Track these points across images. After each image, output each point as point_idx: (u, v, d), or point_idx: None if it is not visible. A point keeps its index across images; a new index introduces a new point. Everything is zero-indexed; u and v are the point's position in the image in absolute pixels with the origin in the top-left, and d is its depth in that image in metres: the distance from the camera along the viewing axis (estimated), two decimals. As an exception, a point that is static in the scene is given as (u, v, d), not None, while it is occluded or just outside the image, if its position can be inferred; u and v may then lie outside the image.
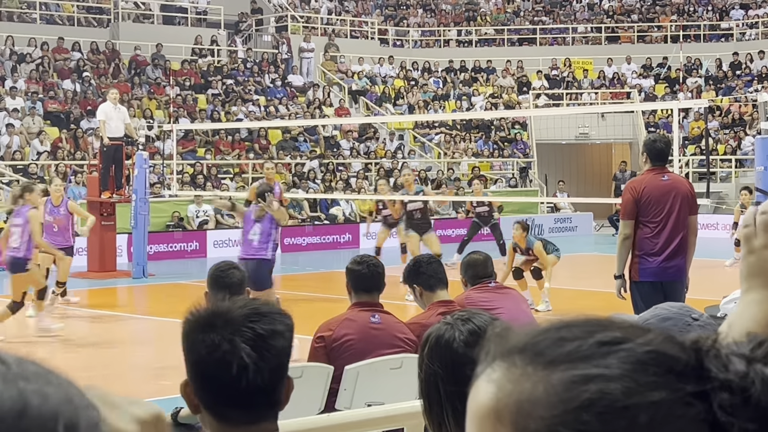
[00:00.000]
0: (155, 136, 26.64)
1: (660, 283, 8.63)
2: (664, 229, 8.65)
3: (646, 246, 8.64)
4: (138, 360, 12.38)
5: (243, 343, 2.36)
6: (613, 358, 0.90)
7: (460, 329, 2.57)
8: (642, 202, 8.66)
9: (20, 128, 26.31)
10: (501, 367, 0.94)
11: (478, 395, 0.95)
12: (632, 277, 8.75)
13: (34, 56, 29.61)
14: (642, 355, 0.91)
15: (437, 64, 36.90)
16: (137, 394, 8.64)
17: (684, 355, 0.93)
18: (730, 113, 33.23)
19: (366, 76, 35.57)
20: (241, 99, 31.03)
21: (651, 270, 8.64)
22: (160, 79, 30.89)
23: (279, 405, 2.47)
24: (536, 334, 0.95)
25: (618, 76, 35.88)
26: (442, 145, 33.02)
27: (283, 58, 34.71)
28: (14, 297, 12.64)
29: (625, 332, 0.93)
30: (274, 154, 29.53)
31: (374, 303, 5.90)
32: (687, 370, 0.92)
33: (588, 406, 0.88)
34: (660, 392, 0.89)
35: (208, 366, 2.39)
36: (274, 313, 2.46)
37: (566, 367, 0.90)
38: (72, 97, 28.53)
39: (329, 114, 31.86)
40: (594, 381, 0.89)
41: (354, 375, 5.51)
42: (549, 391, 0.90)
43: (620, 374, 0.89)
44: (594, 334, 0.93)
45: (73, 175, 25.26)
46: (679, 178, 9.31)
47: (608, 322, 0.95)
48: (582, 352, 0.91)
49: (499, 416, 0.92)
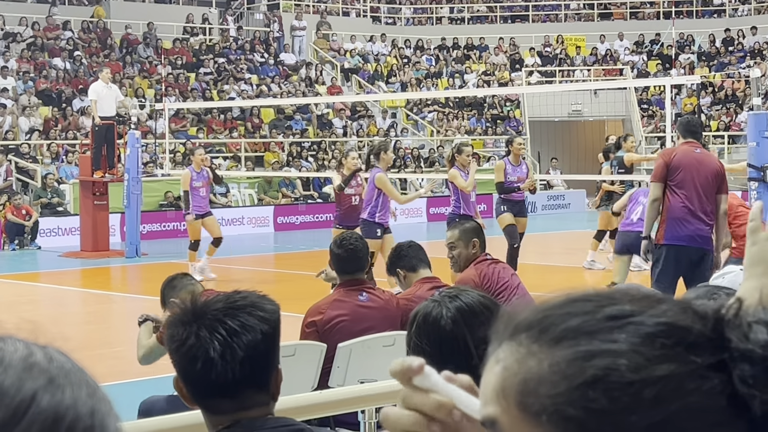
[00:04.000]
0: (147, 115, 26.63)
1: (685, 248, 8.80)
2: (691, 197, 8.87)
3: (675, 211, 8.84)
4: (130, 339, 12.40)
5: (211, 339, 2.40)
6: (620, 333, 0.89)
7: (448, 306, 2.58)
8: (672, 166, 8.89)
9: (12, 108, 26.26)
10: (508, 346, 0.93)
11: (486, 376, 0.94)
12: (658, 239, 8.95)
13: (25, 35, 29.54)
14: (651, 327, 0.89)
15: (429, 41, 36.85)
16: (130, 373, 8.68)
17: (698, 326, 0.90)
18: (722, 89, 33.25)
19: (358, 54, 35.52)
20: (233, 77, 30.98)
21: (680, 235, 8.82)
22: (151, 57, 30.84)
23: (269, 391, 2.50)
24: (543, 310, 0.93)
25: (610, 52, 35.87)
26: (435, 123, 33.03)
27: (275, 37, 34.64)
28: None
29: (636, 305, 0.92)
30: (267, 133, 29.54)
31: (359, 281, 5.93)
32: (701, 341, 0.89)
33: (593, 382, 0.87)
34: (669, 365, 0.87)
35: (180, 360, 2.45)
36: (249, 306, 2.48)
37: (571, 343, 0.89)
38: (63, 77, 28.48)
39: (321, 92, 31.85)
40: (599, 356, 0.88)
41: (347, 353, 5.54)
42: (553, 368, 0.89)
43: (627, 349, 0.88)
44: (602, 309, 0.91)
45: (65, 155, 25.24)
46: (713, 156, 9.67)
47: (619, 295, 0.93)
48: (588, 327, 0.90)
49: (506, 395, 0.91)
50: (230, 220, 24.69)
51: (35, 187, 23.51)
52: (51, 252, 20.63)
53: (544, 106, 32.78)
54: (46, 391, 0.82)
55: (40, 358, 0.85)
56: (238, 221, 24.82)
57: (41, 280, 17.55)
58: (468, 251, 6.81)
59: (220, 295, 2.54)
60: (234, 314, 2.45)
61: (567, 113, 33.89)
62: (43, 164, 24.58)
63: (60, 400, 0.82)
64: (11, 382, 0.82)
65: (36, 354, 0.85)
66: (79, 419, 0.82)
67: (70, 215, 22.47)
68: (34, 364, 0.84)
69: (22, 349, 0.85)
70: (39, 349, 0.86)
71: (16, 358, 0.84)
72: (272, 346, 2.50)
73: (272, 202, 26.10)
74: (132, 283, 17.97)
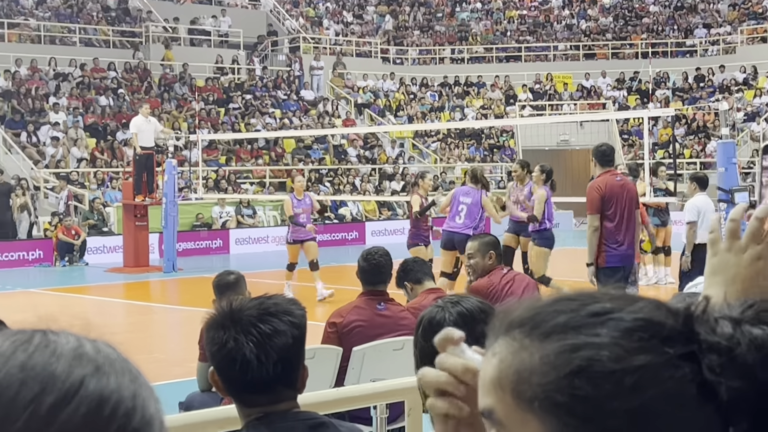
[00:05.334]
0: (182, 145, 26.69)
1: (621, 268, 8.84)
2: (623, 221, 8.90)
3: (611, 236, 8.86)
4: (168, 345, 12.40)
5: (247, 342, 2.41)
6: (602, 328, 0.89)
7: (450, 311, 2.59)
8: (606, 198, 8.93)
9: (63, 140, 26.35)
10: (503, 341, 0.93)
11: (485, 367, 0.94)
12: (599, 264, 8.90)
13: (75, 75, 29.65)
14: (630, 323, 0.89)
15: (433, 79, 36.87)
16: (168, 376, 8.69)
17: (671, 321, 0.91)
18: (695, 121, 33.20)
19: (370, 91, 35.55)
20: (258, 112, 31.03)
21: (617, 256, 8.85)
22: (186, 94, 30.92)
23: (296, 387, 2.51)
24: (534, 308, 0.93)
25: (594, 88, 35.85)
26: (439, 151, 33.01)
27: (296, 75, 34.71)
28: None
29: (616, 303, 0.92)
30: (289, 161, 29.56)
31: (380, 292, 5.90)
32: (674, 334, 0.90)
33: (578, 372, 0.87)
34: (645, 356, 0.87)
35: (219, 360, 2.45)
36: (281, 312, 2.49)
37: (559, 337, 0.89)
38: (108, 112, 28.56)
39: (337, 125, 31.87)
40: (584, 349, 0.88)
41: (361, 355, 5.52)
42: (544, 360, 0.89)
43: (608, 342, 0.88)
44: (586, 306, 0.91)
45: (110, 181, 25.29)
46: (627, 179, 9.64)
47: (601, 295, 0.93)
48: (574, 322, 0.90)
49: (502, 385, 0.91)
50: (256, 239, 24.70)
51: (83, 209, 23.56)
52: (97, 267, 20.63)
53: (535, 137, 32.75)
54: (93, 377, 0.83)
55: (89, 349, 0.86)
56: (264, 240, 24.80)
57: (88, 293, 17.54)
58: (485, 262, 6.81)
59: (254, 300, 2.53)
60: (267, 320, 2.45)
61: (556, 143, 33.84)
62: (90, 189, 24.64)
63: (105, 384, 0.83)
64: (63, 369, 0.83)
65: (85, 346, 0.86)
66: (122, 402, 0.83)
67: (114, 235, 22.48)
68: (83, 353, 0.85)
69: (73, 342, 0.86)
70: (88, 342, 0.87)
71: (67, 349, 0.85)
72: (301, 347, 2.52)
73: (294, 222, 26.06)
74: (169, 295, 17.95)
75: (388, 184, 29.40)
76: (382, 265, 5.92)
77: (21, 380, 0.82)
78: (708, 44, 37.17)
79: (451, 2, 41.82)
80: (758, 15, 37.24)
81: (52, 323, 0.90)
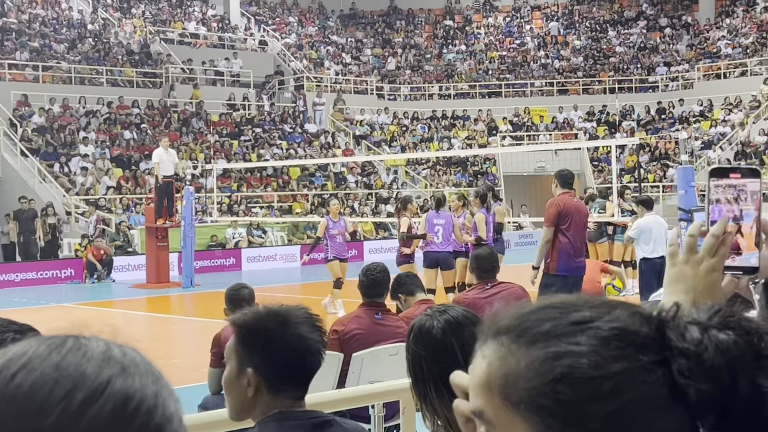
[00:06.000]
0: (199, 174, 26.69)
1: (570, 276, 8.94)
2: (575, 237, 9.00)
3: (565, 248, 8.94)
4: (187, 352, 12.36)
5: (311, 336, 2.42)
6: (582, 336, 0.87)
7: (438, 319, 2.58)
8: (562, 214, 9.04)
9: (92, 170, 26.35)
10: (491, 346, 0.91)
11: (475, 369, 0.93)
12: (550, 270, 9.03)
13: (102, 112, 29.67)
14: (607, 332, 0.88)
15: (423, 113, 36.94)
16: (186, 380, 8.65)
17: (645, 329, 0.89)
18: (657, 149, 33.27)
19: (367, 124, 35.61)
20: (267, 143, 31.05)
21: (567, 266, 8.93)
22: (202, 128, 30.95)
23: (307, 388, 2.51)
24: (520, 315, 0.92)
25: (567, 121, 35.92)
26: (429, 177, 33.04)
27: (300, 111, 34.76)
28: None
29: (595, 311, 0.90)
30: (294, 187, 29.56)
31: (379, 304, 5.89)
32: (647, 341, 0.88)
33: (560, 379, 0.86)
34: (622, 363, 0.86)
35: (293, 353, 2.39)
36: (313, 317, 2.50)
37: (543, 345, 0.88)
38: (132, 144, 28.57)
39: (338, 154, 31.90)
40: (565, 357, 0.87)
41: (360, 361, 5.51)
42: (529, 366, 0.88)
43: (587, 350, 0.87)
44: (568, 315, 0.90)
45: (134, 206, 25.28)
46: (580, 201, 9.79)
47: (582, 303, 0.92)
48: (556, 331, 0.88)
49: (491, 388, 0.90)
50: (266, 257, 24.66)
51: (110, 232, 23.55)
52: (123, 284, 20.59)
53: (515, 163, 32.80)
54: (119, 377, 0.83)
55: (116, 353, 0.86)
56: (272, 258, 24.77)
57: (115, 307, 17.50)
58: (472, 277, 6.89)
59: (288, 308, 2.50)
60: (312, 320, 2.47)
61: (533, 169, 33.88)
62: (116, 214, 24.62)
63: (130, 384, 0.83)
64: (92, 370, 0.83)
65: (113, 349, 0.86)
66: (145, 400, 0.83)
67: (138, 254, 22.45)
68: (111, 356, 0.85)
69: (102, 345, 0.87)
70: (116, 347, 0.87)
71: (97, 352, 0.85)
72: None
73: (299, 242, 26.07)
74: (187, 308, 17.91)
75: (384, 206, 29.41)
76: (379, 280, 5.92)
77: (55, 379, 0.82)
78: (668, 80, 37.30)
79: (438, 44, 41.96)
80: (713, 54, 37.40)
81: (84, 329, 0.90)
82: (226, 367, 2.44)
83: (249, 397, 2.39)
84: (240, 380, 2.40)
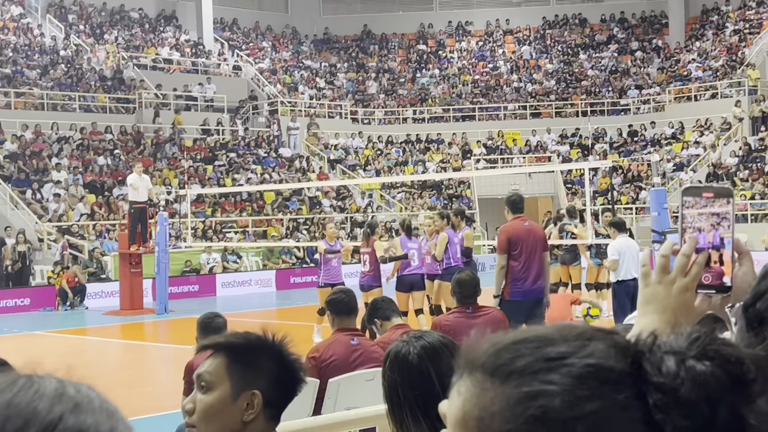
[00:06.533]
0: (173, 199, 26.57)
1: (525, 302, 8.95)
2: (527, 261, 9.00)
3: (516, 274, 8.97)
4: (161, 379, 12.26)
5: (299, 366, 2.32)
6: (555, 374, 0.86)
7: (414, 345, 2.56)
8: (513, 240, 9.06)
9: (64, 196, 26.18)
10: (467, 380, 0.90)
11: (451, 405, 0.91)
12: (505, 297, 9.02)
13: (75, 138, 29.52)
14: (581, 369, 0.86)
15: (397, 137, 37.04)
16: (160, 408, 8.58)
17: (621, 364, 0.87)
18: (630, 171, 33.53)
19: (341, 148, 35.65)
20: (242, 168, 31.01)
21: (520, 292, 8.96)
22: (176, 153, 30.87)
23: None
24: (494, 351, 0.90)
25: (540, 143, 36.15)
26: (403, 201, 33.09)
27: (275, 135, 34.76)
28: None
29: (570, 346, 0.88)
30: (269, 212, 29.50)
31: (353, 328, 5.86)
32: (623, 377, 0.86)
33: (534, 421, 0.84)
34: (595, 403, 0.84)
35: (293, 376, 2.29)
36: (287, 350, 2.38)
37: (517, 383, 0.86)
38: (106, 170, 28.43)
39: (312, 178, 31.89)
40: (539, 398, 0.85)
41: (336, 386, 5.48)
42: (503, 405, 0.86)
43: (561, 390, 0.85)
44: (542, 349, 0.88)
45: (107, 233, 25.11)
46: (535, 224, 9.87)
47: (557, 336, 0.89)
48: (531, 368, 0.87)
49: (466, 424, 0.89)
50: (241, 282, 24.55)
51: (83, 258, 23.37)
52: (96, 311, 20.42)
53: (489, 186, 32.90)
54: (72, 413, 0.83)
55: (69, 390, 0.86)
56: (247, 283, 24.67)
57: (88, 334, 17.35)
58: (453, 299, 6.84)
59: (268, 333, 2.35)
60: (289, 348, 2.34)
61: (508, 192, 33.89)
62: (89, 240, 24.44)
63: (83, 420, 0.83)
64: (44, 406, 0.83)
65: (66, 387, 0.86)
66: None
67: (111, 281, 22.29)
68: (63, 393, 0.85)
69: (55, 383, 0.86)
70: (70, 384, 0.87)
71: (49, 389, 0.85)
72: None
73: (274, 267, 25.99)
74: (162, 335, 17.78)
75: (359, 230, 29.37)
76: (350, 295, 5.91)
77: (6, 416, 0.82)
78: (640, 103, 37.67)
79: (412, 69, 42.17)
80: (684, 77, 37.83)
81: (38, 367, 0.90)
82: (207, 393, 2.27)
83: (244, 422, 2.22)
84: (237, 404, 2.25)
